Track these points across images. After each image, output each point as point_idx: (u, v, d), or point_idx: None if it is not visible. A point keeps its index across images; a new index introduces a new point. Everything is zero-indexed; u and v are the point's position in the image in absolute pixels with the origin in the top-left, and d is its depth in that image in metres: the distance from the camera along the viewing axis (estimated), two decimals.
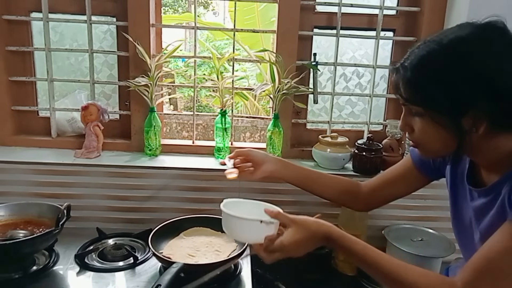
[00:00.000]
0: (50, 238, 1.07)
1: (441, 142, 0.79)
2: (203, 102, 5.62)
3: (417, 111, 0.79)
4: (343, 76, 1.60)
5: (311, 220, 0.90)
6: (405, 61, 0.78)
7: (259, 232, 0.90)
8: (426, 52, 0.76)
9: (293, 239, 0.87)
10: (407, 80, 0.77)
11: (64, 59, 1.54)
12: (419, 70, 0.76)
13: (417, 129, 0.81)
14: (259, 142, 3.25)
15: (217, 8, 9.58)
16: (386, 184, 1.10)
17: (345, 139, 1.44)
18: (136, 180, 1.37)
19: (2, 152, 1.43)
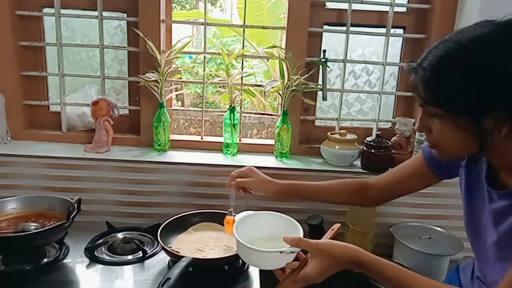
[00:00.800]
0: (61, 231, 1.08)
1: (460, 144, 0.77)
2: (209, 99, 5.64)
3: (436, 113, 0.76)
4: (352, 73, 1.59)
5: (336, 245, 0.85)
6: (423, 61, 0.75)
7: (278, 261, 0.87)
8: (444, 52, 0.73)
9: (318, 269, 0.83)
10: (426, 82, 0.75)
11: (75, 54, 1.56)
12: (438, 71, 0.73)
13: (436, 131, 0.79)
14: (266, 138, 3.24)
15: (224, 5, 9.57)
16: (397, 181, 1.08)
17: (354, 136, 1.44)
18: (145, 175, 1.38)
19: (14, 146, 1.45)
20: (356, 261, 0.83)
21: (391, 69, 1.58)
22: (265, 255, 0.87)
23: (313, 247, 0.85)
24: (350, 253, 0.84)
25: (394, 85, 1.59)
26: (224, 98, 4.18)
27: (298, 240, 0.87)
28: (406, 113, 1.58)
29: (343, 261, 0.83)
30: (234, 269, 1.11)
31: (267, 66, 4.46)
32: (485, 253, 0.80)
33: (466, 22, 1.36)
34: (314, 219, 1.31)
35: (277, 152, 1.48)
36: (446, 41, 0.75)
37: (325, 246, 0.85)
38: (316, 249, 0.85)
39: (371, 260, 0.83)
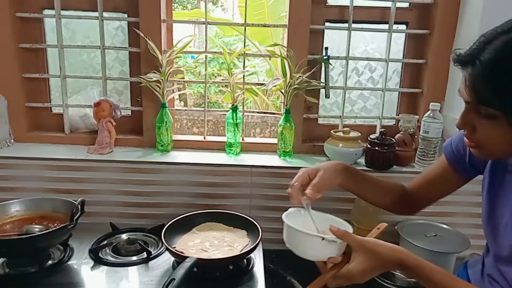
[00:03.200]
0: (65, 233, 1.08)
1: (509, 146, 0.72)
2: (212, 99, 5.64)
3: (488, 112, 0.70)
4: (355, 70, 1.58)
5: (383, 245, 0.82)
6: (480, 54, 0.67)
7: (321, 249, 0.84)
8: (505, 43, 0.66)
9: (361, 267, 0.80)
10: (485, 79, 0.67)
11: (76, 55, 1.55)
12: (500, 67, 0.66)
13: (483, 131, 0.73)
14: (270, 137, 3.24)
15: (226, 4, 9.58)
16: (425, 185, 1.04)
17: (357, 133, 1.43)
18: (149, 176, 1.38)
19: (17, 148, 1.45)
20: (401, 263, 0.80)
21: (394, 66, 1.56)
22: (307, 239, 0.84)
23: (358, 243, 0.82)
24: (395, 255, 0.81)
25: (397, 81, 1.58)
26: (227, 97, 4.18)
27: (344, 232, 0.83)
28: (410, 110, 1.56)
29: (388, 262, 0.81)
30: (239, 269, 1.11)
31: (270, 64, 4.45)
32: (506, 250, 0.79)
33: (469, 17, 1.35)
34: None
35: (280, 151, 1.47)
36: (507, 31, 0.67)
37: (371, 245, 0.82)
38: (360, 245, 0.81)
39: (418, 264, 0.80)
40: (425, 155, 1.36)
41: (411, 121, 1.43)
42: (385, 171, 1.37)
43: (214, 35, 6.01)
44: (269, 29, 4.03)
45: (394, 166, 1.40)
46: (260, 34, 4.01)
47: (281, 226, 1.39)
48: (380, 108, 1.53)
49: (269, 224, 1.24)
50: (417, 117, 1.45)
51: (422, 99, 1.52)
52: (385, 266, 0.82)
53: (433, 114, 1.34)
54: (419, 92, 1.53)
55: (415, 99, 1.56)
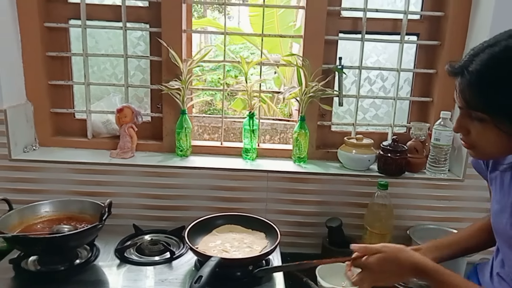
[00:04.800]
0: (94, 232, 1.14)
1: (499, 147, 0.79)
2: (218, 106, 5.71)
3: (478, 116, 0.78)
4: (367, 79, 1.63)
5: (404, 249, 0.90)
6: (469, 65, 0.77)
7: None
8: (491, 56, 0.75)
9: (377, 259, 0.88)
10: (472, 86, 0.76)
11: (99, 63, 1.62)
12: (485, 76, 0.75)
13: (476, 133, 0.81)
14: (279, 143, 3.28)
15: (231, 12, 9.70)
16: None
17: (370, 140, 1.48)
18: (169, 179, 1.43)
19: (42, 152, 1.51)
20: (416, 266, 0.86)
21: (405, 75, 1.61)
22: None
23: (381, 246, 0.91)
24: (414, 257, 0.88)
25: (408, 90, 1.63)
26: (236, 105, 4.24)
27: (365, 247, 0.93)
28: (420, 118, 1.61)
29: (405, 264, 0.87)
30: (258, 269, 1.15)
31: (278, 72, 4.52)
32: None
33: (479, 29, 1.40)
34: (333, 222, 1.35)
35: (295, 157, 1.52)
36: (492, 45, 0.76)
37: (393, 246, 0.91)
38: (384, 246, 0.91)
39: (438, 271, 0.85)
40: (436, 162, 1.41)
41: (422, 128, 1.48)
42: (397, 177, 1.42)
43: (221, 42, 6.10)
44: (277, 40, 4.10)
45: (406, 172, 1.45)
46: (270, 42, 4.09)
47: (295, 229, 1.45)
48: (392, 116, 1.58)
49: (284, 228, 1.29)
50: (428, 125, 1.50)
51: (432, 108, 1.56)
52: (402, 266, 0.88)
53: (444, 122, 1.38)
54: (430, 101, 1.58)
55: (426, 108, 1.60)
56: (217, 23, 5.22)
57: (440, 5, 1.51)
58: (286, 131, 3.23)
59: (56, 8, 1.52)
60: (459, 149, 1.44)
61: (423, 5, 1.55)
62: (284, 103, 4.35)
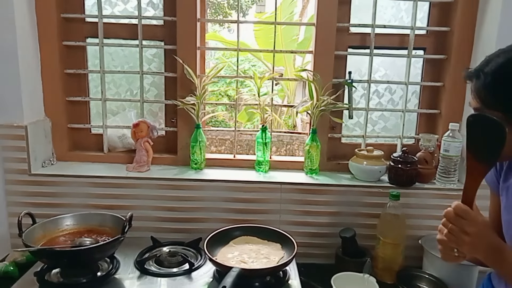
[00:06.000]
0: (116, 245, 1.17)
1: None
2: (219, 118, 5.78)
3: (493, 115, 0.82)
4: (376, 92, 1.68)
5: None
6: (484, 67, 0.84)
7: None
8: (506, 59, 0.82)
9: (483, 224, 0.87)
10: (487, 86, 0.83)
11: (115, 80, 1.67)
12: (500, 77, 0.82)
13: None
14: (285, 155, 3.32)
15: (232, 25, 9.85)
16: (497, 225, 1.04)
17: (381, 152, 1.51)
18: (185, 192, 1.47)
19: (60, 167, 1.55)
20: (498, 246, 0.88)
21: (413, 88, 1.66)
22: None
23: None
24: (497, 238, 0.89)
25: (416, 103, 1.67)
26: (241, 117, 4.29)
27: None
28: (428, 129, 1.65)
29: (491, 239, 0.87)
30: (276, 280, 1.18)
31: (282, 85, 4.58)
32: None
33: (484, 43, 1.45)
34: (347, 232, 1.38)
35: (307, 169, 1.56)
36: (507, 51, 0.84)
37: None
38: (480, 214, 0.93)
39: None
40: (446, 172, 1.44)
41: (431, 140, 1.52)
42: (408, 187, 1.45)
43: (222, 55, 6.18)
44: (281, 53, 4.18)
45: (416, 183, 1.48)
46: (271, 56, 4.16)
47: (309, 240, 1.47)
48: (401, 128, 1.61)
49: (298, 238, 1.31)
50: (437, 137, 1.54)
51: (440, 119, 1.60)
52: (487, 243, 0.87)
53: (453, 133, 1.42)
54: (437, 113, 1.61)
55: (434, 119, 1.64)
56: (220, 37, 5.31)
57: (446, 20, 1.56)
58: (292, 143, 3.28)
59: (75, 27, 1.57)
60: None
61: (429, 20, 1.60)
62: (288, 115, 4.40)
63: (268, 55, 3.94)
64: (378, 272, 1.39)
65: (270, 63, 1.61)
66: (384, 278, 1.38)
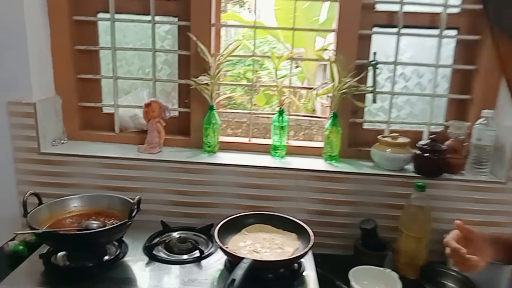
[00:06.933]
0: (123, 229, 1.12)
1: None
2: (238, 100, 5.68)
3: None
4: (402, 75, 1.57)
5: None
6: None
7: None
8: None
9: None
10: None
11: (127, 57, 1.60)
12: None
13: None
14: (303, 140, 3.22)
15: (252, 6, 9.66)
16: None
17: (407, 139, 1.41)
18: (197, 176, 1.41)
19: (71, 146, 1.50)
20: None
21: (443, 71, 1.54)
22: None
23: None
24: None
25: (446, 87, 1.55)
26: (259, 99, 4.20)
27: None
28: (458, 116, 1.53)
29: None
30: (290, 272, 1.11)
31: (302, 67, 4.46)
32: None
33: None
34: (368, 224, 1.30)
35: (326, 155, 1.47)
36: None
37: None
38: None
39: None
40: (477, 162, 1.34)
41: (461, 127, 1.41)
42: (435, 178, 1.36)
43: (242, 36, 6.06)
44: (302, 34, 4.03)
45: (444, 173, 1.38)
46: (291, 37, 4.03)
47: (326, 230, 1.40)
48: (428, 114, 1.51)
49: (315, 228, 1.24)
50: (468, 124, 1.42)
51: (472, 106, 1.49)
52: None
53: (487, 121, 1.31)
54: (469, 99, 1.50)
55: (464, 106, 1.53)
56: (239, 17, 5.18)
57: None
58: (310, 127, 3.16)
59: (85, 1, 1.50)
60: (502, 149, 1.36)
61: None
62: (307, 99, 4.28)
63: (288, 36, 3.81)
64: (399, 266, 1.31)
65: (290, 44, 1.52)
66: (406, 273, 1.29)
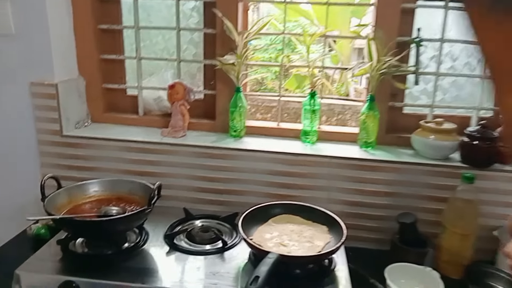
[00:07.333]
0: (142, 217, 1.06)
1: None
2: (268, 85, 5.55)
3: None
4: (449, 54, 1.41)
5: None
6: None
7: None
8: None
9: None
10: None
11: (151, 37, 1.53)
12: None
13: None
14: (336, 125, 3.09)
15: None
16: None
17: (453, 125, 1.28)
18: (222, 162, 1.33)
19: (94, 129, 1.46)
20: None
21: None
22: None
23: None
24: None
25: None
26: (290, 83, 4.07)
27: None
28: None
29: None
30: (320, 268, 1.02)
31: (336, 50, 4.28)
32: None
33: None
34: (406, 218, 1.19)
35: (362, 142, 1.36)
36: None
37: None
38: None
39: None
40: None
41: None
42: (484, 168, 1.22)
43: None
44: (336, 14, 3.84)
45: (495, 164, 1.23)
46: (325, 19, 3.85)
47: (360, 222, 1.30)
48: (478, 98, 1.35)
49: (348, 220, 1.14)
50: None
51: None
52: None
53: None
54: None
55: None
56: None
57: None
58: (344, 112, 3.01)
59: None
60: None
61: None
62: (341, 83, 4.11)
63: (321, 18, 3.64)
64: (440, 264, 1.19)
65: (324, 27, 1.40)
66: (448, 273, 1.17)
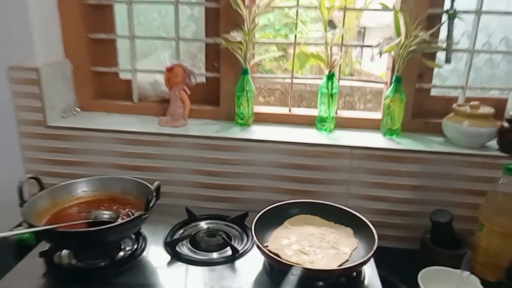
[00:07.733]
0: (138, 224, 0.91)
1: None
2: (266, 66, 5.35)
3: None
4: (484, 29, 1.25)
5: None
6: None
7: None
8: None
9: None
10: None
11: (146, 13, 1.36)
12: None
13: None
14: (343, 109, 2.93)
15: None
16: None
17: (490, 109, 1.12)
18: (228, 154, 1.18)
19: (83, 118, 1.30)
20: None
21: None
22: None
23: None
24: None
25: None
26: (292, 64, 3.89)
27: None
28: None
29: None
30: (347, 279, 0.88)
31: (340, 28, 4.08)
32: None
33: None
34: (441, 215, 1.04)
35: (385, 128, 1.20)
36: None
37: None
38: None
39: None
40: None
41: None
42: None
43: None
44: None
45: None
46: None
47: (385, 219, 1.16)
48: None
49: (370, 217, 1.01)
50: None
51: None
52: None
53: None
54: None
55: None
56: None
57: None
58: (352, 94, 2.83)
59: None
60: None
61: None
62: (346, 63, 3.92)
63: None
64: (476, 266, 1.04)
65: None
66: (485, 275, 1.04)
